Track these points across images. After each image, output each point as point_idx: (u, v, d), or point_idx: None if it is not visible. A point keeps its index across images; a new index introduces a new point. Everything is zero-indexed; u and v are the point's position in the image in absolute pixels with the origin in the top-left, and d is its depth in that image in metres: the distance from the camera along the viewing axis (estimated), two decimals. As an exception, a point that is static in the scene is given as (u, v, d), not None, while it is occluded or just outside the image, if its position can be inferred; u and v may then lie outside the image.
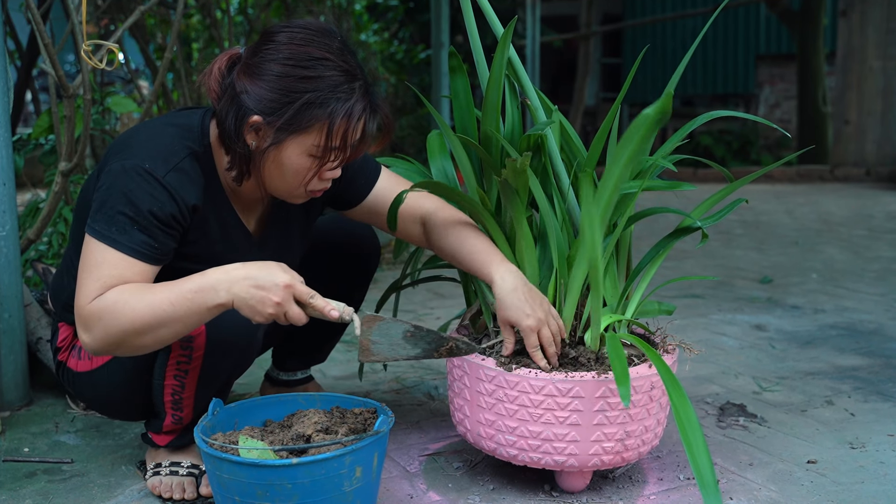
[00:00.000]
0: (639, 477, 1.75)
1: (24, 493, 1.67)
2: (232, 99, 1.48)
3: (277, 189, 1.55)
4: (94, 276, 1.41)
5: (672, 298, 3.40)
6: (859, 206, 6.94)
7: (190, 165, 1.51)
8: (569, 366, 1.60)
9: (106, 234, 1.43)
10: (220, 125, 1.51)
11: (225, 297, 1.38)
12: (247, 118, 1.46)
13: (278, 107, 1.45)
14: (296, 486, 1.32)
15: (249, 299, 1.38)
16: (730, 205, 1.82)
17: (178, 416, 1.63)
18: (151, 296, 1.38)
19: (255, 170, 1.52)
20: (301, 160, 1.49)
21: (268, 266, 1.40)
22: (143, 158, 1.47)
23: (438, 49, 5.65)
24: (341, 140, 1.48)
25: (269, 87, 1.45)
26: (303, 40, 1.48)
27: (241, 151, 1.49)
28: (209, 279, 1.39)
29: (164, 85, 2.83)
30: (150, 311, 1.37)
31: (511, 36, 1.62)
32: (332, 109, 1.46)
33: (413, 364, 2.55)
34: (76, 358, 1.68)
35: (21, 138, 2.67)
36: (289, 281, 1.38)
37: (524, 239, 1.63)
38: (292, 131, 1.46)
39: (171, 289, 1.39)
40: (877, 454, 1.86)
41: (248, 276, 1.38)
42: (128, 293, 1.39)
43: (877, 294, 3.55)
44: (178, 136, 1.53)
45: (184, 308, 1.38)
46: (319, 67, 1.46)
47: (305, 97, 1.45)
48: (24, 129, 7.09)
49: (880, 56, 9.28)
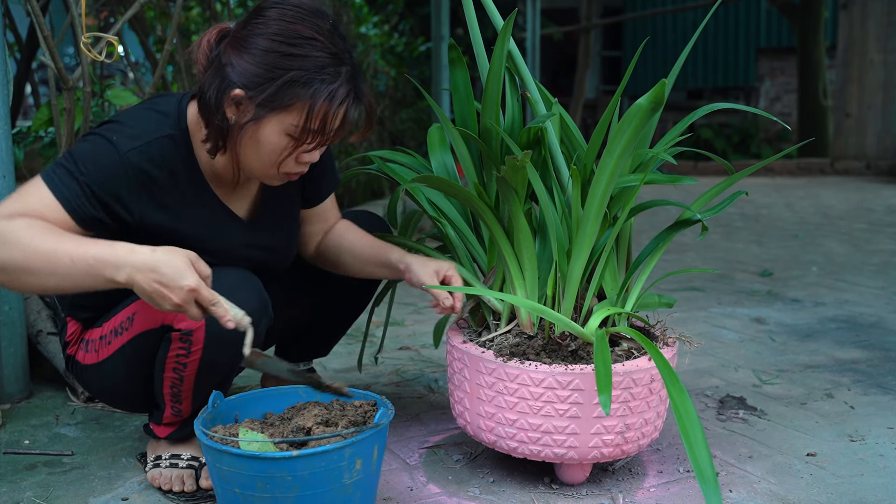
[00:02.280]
0: (639, 469, 1.75)
1: (25, 485, 1.68)
2: (217, 71, 1.47)
3: (251, 167, 1.53)
4: (18, 199, 1.41)
5: (672, 291, 3.40)
6: (859, 200, 6.93)
7: (160, 148, 1.51)
8: (568, 358, 1.60)
9: (48, 174, 1.44)
10: (202, 96, 1.49)
11: (124, 278, 1.34)
12: (228, 90, 1.45)
13: (261, 82, 1.44)
14: (296, 478, 1.33)
15: (150, 292, 1.34)
16: (730, 197, 1.82)
17: (177, 409, 1.63)
18: (55, 242, 1.35)
19: (231, 145, 1.50)
20: (278, 139, 1.48)
21: (177, 260, 1.35)
22: (112, 132, 1.48)
23: (438, 42, 5.65)
24: (321, 122, 1.46)
25: (255, 61, 1.44)
26: (293, 18, 1.46)
27: (220, 124, 1.48)
28: (115, 254, 1.34)
29: (163, 77, 2.83)
30: (46, 256, 1.33)
31: (511, 28, 1.62)
32: (314, 90, 1.44)
33: (413, 357, 2.55)
34: (84, 351, 1.69)
35: (21, 131, 2.66)
36: (193, 284, 1.34)
37: (521, 232, 1.63)
38: (273, 108, 1.45)
39: (76, 245, 1.35)
40: (876, 447, 1.86)
41: (154, 269, 1.33)
42: (36, 229, 1.36)
43: (877, 287, 3.55)
44: (155, 120, 1.53)
45: (81, 270, 1.34)
46: (307, 47, 1.45)
47: (289, 75, 1.43)
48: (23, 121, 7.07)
49: (881, 49, 9.26)
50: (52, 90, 2.34)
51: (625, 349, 1.65)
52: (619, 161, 1.50)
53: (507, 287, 1.71)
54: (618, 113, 1.72)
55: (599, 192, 1.54)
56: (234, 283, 1.55)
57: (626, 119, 1.46)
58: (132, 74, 3.86)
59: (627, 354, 1.62)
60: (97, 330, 1.66)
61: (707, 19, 1.76)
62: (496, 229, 1.66)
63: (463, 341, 1.68)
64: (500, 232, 1.67)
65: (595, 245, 1.63)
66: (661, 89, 1.40)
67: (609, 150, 1.51)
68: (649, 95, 1.42)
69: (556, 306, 1.66)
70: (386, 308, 2.19)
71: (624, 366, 1.55)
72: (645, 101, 1.43)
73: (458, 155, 1.79)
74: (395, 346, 2.68)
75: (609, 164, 1.51)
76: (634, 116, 1.45)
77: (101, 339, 1.64)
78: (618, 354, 1.62)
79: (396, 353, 2.61)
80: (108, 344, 1.63)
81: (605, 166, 1.52)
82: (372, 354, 2.57)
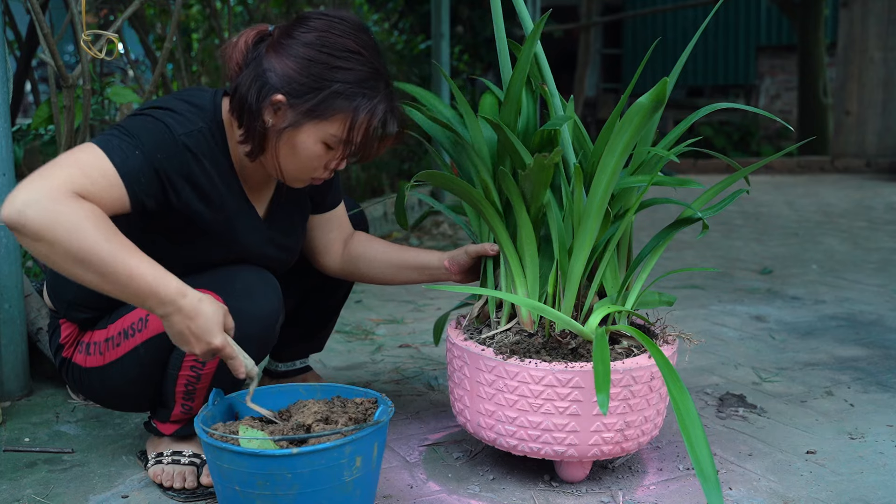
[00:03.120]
0: (638, 467, 1.75)
1: (25, 482, 1.68)
2: (256, 74, 1.48)
3: (285, 170, 1.55)
4: (87, 172, 1.33)
5: (672, 289, 3.40)
6: (860, 198, 6.93)
7: (202, 139, 1.52)
8: (569, 356, 1.60)
9: (109, 144, 1.39)
10: (239, 98, 1.50)
11: (161, 314, 1.36)
12: (270, 95, 1.47)
13: (305, 91, 1.46)
14: (296, 475, 1.33)
15: (177, 333, 1.38)
16: (730, 195, 1.81)
17: (188, 406, 1.63)
18: (118, 250, 1.30)
19: (269, 147, 1.52)
20: (315, 147, 1.50)
21: (214, 315, 1.38)
22: (164, 115, 1.48)
23: (438, 40, 5.64)
24: (362, 136, 1.50)
25: (299, 69, 1.46)
26: (341, 31, 1.49)
27: (258, 127, 1.49)
28: (167, 289, 1.34)
29: (163, 75, 2.83)
30: (105, 260, 1.28)
31: (541, 29, 1.61)
32: (357, 104, 1.47)
33: (413, 355, 2.55)
34: (84, 354, 1.67)
35: (21, 129, 2.66)
36: (218, 345, 1.39)
37: (524, 228, 1.63)
38: (314, 117, 1.47)
39: (138, 263, 1.32)
40: (876, 445, 1.86)
41: (193, 318, 1.36)
42: (103, 226, 1.30)
43: (877, 285, 3.55)
44: (194, 112, 1.53)
45: (130, 289, 1.32)
46: (352, 60, 1.48)
47: (334, 87, 1.46)
48: (23, 119, 7.08)
49: (881, 47, 9.26)
50: (52, 88, 2.34)
51: (625, 347, 1.65)
52: (620, 159, 1.50)
53: (506, 284, 1.71)
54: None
55: (601, 190, 1.54)
56: (256, 282, 1.58)
57: (628, 117, 1.46)
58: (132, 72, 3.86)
59: (627, 352, 1.62)
60: (101, 332, 1.65)
61: (709, 18, 1.76)
62: (499, 228, 1.66)
63: (463, 339, 1.68)
64: (501, 228, 1.67)
65: (596, 243, 1.63)
66: (663, 88, 1.40)
67: (610, 148, 1.51)
68: (651, 94, 1.42)
69: (557, 304, 1.66)
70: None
71: (624, 363, 1.55)
72: (646, 100, 1.43)
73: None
74: (395, 343, 2.68)
75: (610, 162, 1.51)
76: (636, 115, 1.45)
77: (108, 341, 1.63)
78: (618, 352, 1.62)
79: (396, 350, 2.61)
80: (117, 346, 1.62)
81: (607, 164, 1.52)
82: (371, 353, 2.58)
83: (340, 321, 2.89)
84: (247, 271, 1.59)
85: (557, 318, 1.59)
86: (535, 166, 1.51)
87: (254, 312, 1.54)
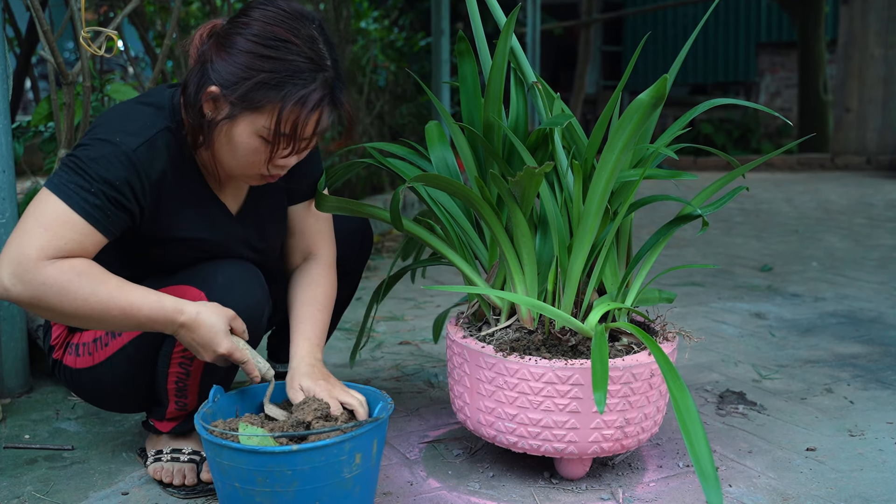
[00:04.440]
0: (638, 464, 1.75)
1: (26, 479, 1.68)
2: (200, 67, 1.48)
3: (230, 166, 1.53)
4: (54, 232, 1.38)
5: (672, 286, 3.40)
6: (860, 195, 6.93)
7: (163, 141, 1.51)
8: (569, 353, 1.60)
9: (68, 193, 1.41)
10: (184, 92, 1.50)
11: (170, 332, 1.48)
12: (205, 87, 1.46)
13: (235, 81, 1.44)
14: (296, 472, 1.33)
15: (189, 347, 1.50)
16: (730, 193, 1.81)
17: (182, 403, 1.64)
18: (108, 295, 1.40)
19: (209, 141, 1.50)
20: (251, 140, 1.47)
21: (216, 324, 1.47)
22: (114, 133, 1.47)
23: (438, 36, 5.64)
24: (291, 127, 1.46)
25: (232, 60, 1.45)
26: (273, 20, 1.46)
27: (196, 119, 1.48)
28: (164, 313, 1.44)
29: (163, 72, 2.82)
30: (98, 309, 1.40)
31: (514, 23, 1.62)
32: (285, 93, 1.43)
33: (413, 352, 2.55)
34: (73, 355, 1.66)
35: (20, 126, 2.66)
36: (226, 350, 1.48)
37: (519, 227, 1.63)
38: (244, 108, 1.45)
39: (131, 300, 1.42)
40: (876, 442, 1.86)
41: (194, 330, 1.46)
42: (87, 279, 1.39)
43: (877, 282, 3.55)
44: (151, 114, 1.52)
45: (130, 324, 1.44)
46: (283, 49, 1.45)
47: (261, 76, 1.43)
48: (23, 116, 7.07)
49: (882, 44, 9.25)
50: (52, 85, 2.34)
51: (625, 344, 1.65)
52: (620, 156, 1.50)
53: (507, 283, 1.71)
54: (618, 108, 1.72)
55: (600, 187, 1.54)
56: (238, 275, 1.57)
57: (628, 114, 1.46)
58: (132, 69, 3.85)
59: (627, 349, 1.62)
60: (89, 333, 1.64)
61: (708, 14, 1.76)
62: (496, 227, 1.66)
63: (463, 336, 1.68)
64: (499, 228, 1.67)
65: (596, 240, 1.63)
66: (663, 85, 1.40)
67: (610, 145, 1.51)
68: (651, 91, 1.42)
69: (557, 301, 1.66)
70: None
71: (624, 360, 1.55)
72: (646, 97, 1.43)
73: (458, 150, 1.78)
74: (394, 340, 2.68)
75: (610, 159, 1.51)
76: (636, 112, 1.45)
77: (96, 341, 1.62)
78: (618, 349, 1.62)
79: (396, 347, 2.61)
80: (106, 346, 1.61)
81: (607, 161, 1.52)
82: (370, 351, 2.58)
83: (341, 318, 2.89)
84: (229, 265, 1.59)
85: (557, 316, 1.59)
86: (524, 175, 1.50)
87: (236, 305, 1.54)
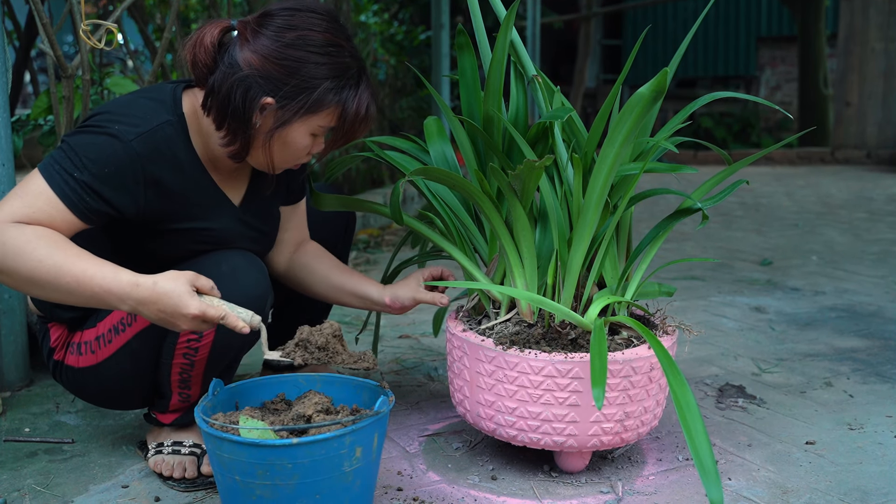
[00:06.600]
0: (638, 457, 1.75)
1: (26, 472, 1.68)
2: (237, 77, 1.47)
3: (276, 163, 1.57)
4: (28, 201, 1.40)
5: (672, 280, 3.41)
6: (860, 189, 6.93)
7: (164, 134, 1.51)
8: (568, 347, 1.60)
9: (49, 170, 1.43)
10: (220, 102, 1.49)
11: (128, 310, 1.40)
12: (258, 99, 1.47)
13: (296, 92, 1.48)
14: (296, 465, 1.33)
15: (158, 321, 1.41)
16: (730, 186, 1.81)
17: (185, 395, 1.64)
18: (63, 260, 1.36)
19: (255, 147, 1.53)
20: (305, 139, 1.54)
21: (177, 289, 1.38)
22: (112, 123, 1.47)
23: (438, 30, 5.63)
24: (350, 123, 1.55)
25: (285, 70, 1.47)
26: (318, 27, 1.50)
27: (248, 131, 1.50)
28: (119, 286, 1.37)
29: (162, 65, 2.82)
30: (52, 273, 1.36)
31: (514, 16, 1.61)
32: (345, 96, 1.52)
33: (413, 345, 2.55)
34: (75, 354, 1.66)
35: (20, 119, 2.65)
36: (196, 311, 1.38)
37: (518, 221, 1.63)
38: (304, 113, 1.50)
39: (83, 269, 1.37)
40: (875, 435, 1.86)
41: (156, 302, 1.37)
42: (45, 242, 1.37)
43: (876, 276, 3.56)
44: (153, 107, 1.52)
45: (85, 293, 1.38)
46: (334, 55, 1.50)
47: (324, 84, 1.49)
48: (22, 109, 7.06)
49: (882, 38, 9.24)
50: (52, 78, 2.33)
51: (624, 337, 1.65)
52: (620, 150, 1.50)
53: (507, 277, 1.71)
54: (618, 102, 1.72)
55: (601, 180, 1.53)
56: (243, 264, 1.58)
57: (628, 108, 1.46)
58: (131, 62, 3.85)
59: (627, 343, 1.62)
60: (90, 331, 1.64)
61: (708, 8, 1.75)
62: (496, 220, 1.66)
63: (463, 330, 1.68)
64: (499, 222, 1.67)
65: (596, 233, 1.63)
66: (663, 78, 1.40)
67: (610, 139, 1.50)
68: (651, 84, 1.41)
69: (557, 295, 1.66)
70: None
71: (624, 354, 1.55)
72: (647, 91, 1.43)
73: (458, 144, 1.78)
74: (394, 334, 2.68)
75: (610, 153, 1.51)
76: (636, 105, 1.45)
77: (99, 339, 1.62)
78: (618, 343, 1.62)
79: (396, 341, 2.61)
80: (109, 343, 1.61)
81: (607, 155, 1.52)
82: (370, 344, 2.58)
83: (340, 311, 2.90)
84: (233, 255, 1.59)
85: (556, 310, 1.59)
86: (524, 169, 1.51)
87: (241, 294, 1.53)
